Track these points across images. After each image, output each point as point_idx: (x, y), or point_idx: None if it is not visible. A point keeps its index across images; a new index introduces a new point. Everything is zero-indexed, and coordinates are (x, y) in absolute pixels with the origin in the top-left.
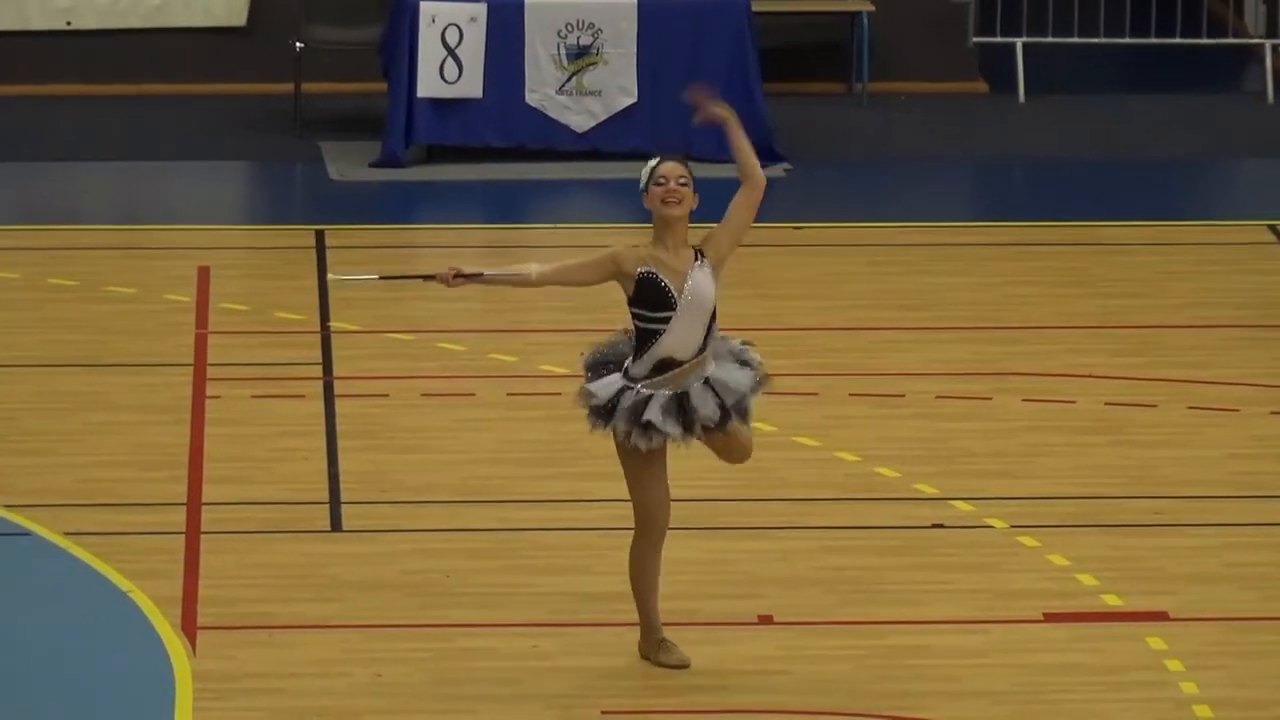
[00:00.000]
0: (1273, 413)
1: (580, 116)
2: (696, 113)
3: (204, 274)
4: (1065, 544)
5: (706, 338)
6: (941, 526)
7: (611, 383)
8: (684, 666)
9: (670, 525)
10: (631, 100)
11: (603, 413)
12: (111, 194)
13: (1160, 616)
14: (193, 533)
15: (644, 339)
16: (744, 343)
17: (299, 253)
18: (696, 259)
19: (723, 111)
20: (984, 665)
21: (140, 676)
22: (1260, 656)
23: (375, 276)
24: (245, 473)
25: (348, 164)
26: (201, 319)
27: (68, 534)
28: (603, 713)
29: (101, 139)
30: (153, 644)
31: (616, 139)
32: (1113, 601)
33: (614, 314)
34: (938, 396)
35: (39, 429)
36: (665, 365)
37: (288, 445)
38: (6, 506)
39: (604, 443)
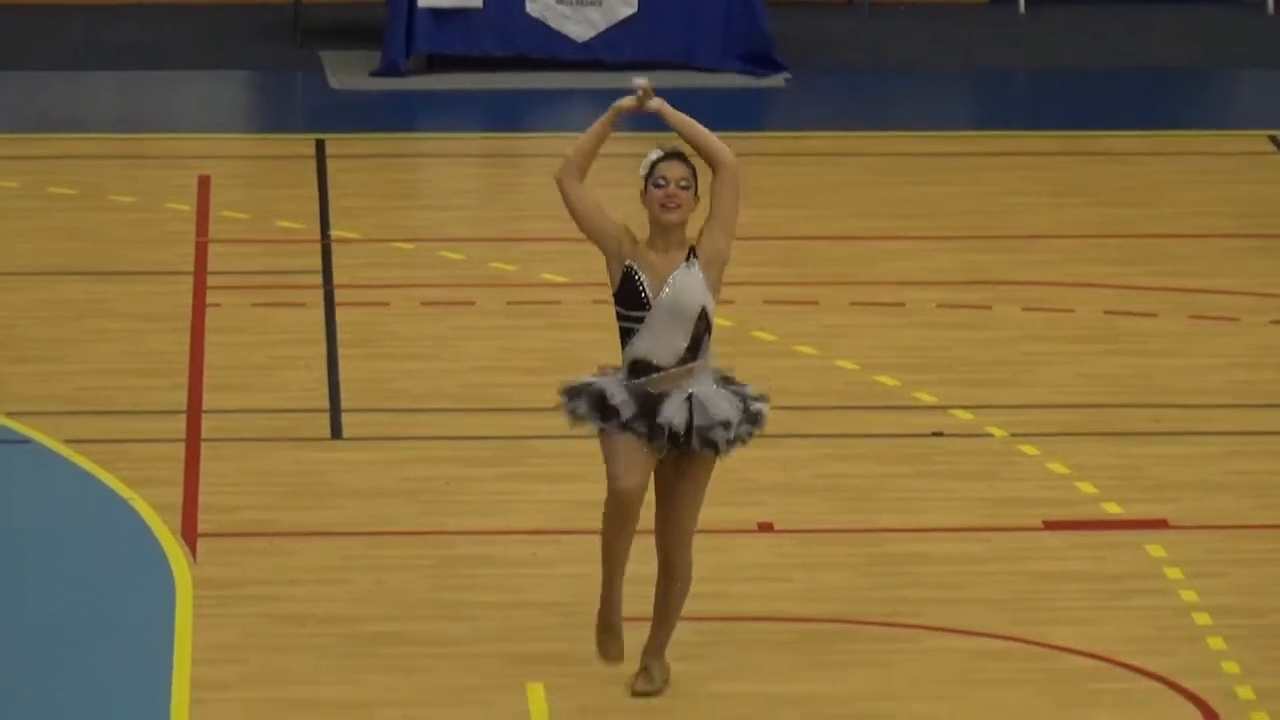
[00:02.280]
0: (1273, 322)
1: (580, 26)
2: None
3: (204, 182)
4: (1065, 452)
5: (697, 348)
6: (941, 435)
7: (587, 376)
8: (615, 661)
9: None
10: (631, 10)
11: (574, 393)
12: (112, 102)
13: (1160, 524)
14: (193, 440)
15: (623, 336)
16: (758, 394)
17: (299, 162)
18: (687, 260)
19: (651, 103)
20: (983, 573)
21: (141, 584)
22: (1260, 564)
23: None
24: (245, 380)
25: (348, 73)
26: (202, 227)
27: (68, 442)
28: None
29: (103, 48)
30: (153, 551)
31: (616, 49)
32: (1112, 509)
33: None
34: (937, 305)
35: (39, 337)
36: (641, 367)
37: (288, 353)
38: (7, 414)
39: (602, 351)
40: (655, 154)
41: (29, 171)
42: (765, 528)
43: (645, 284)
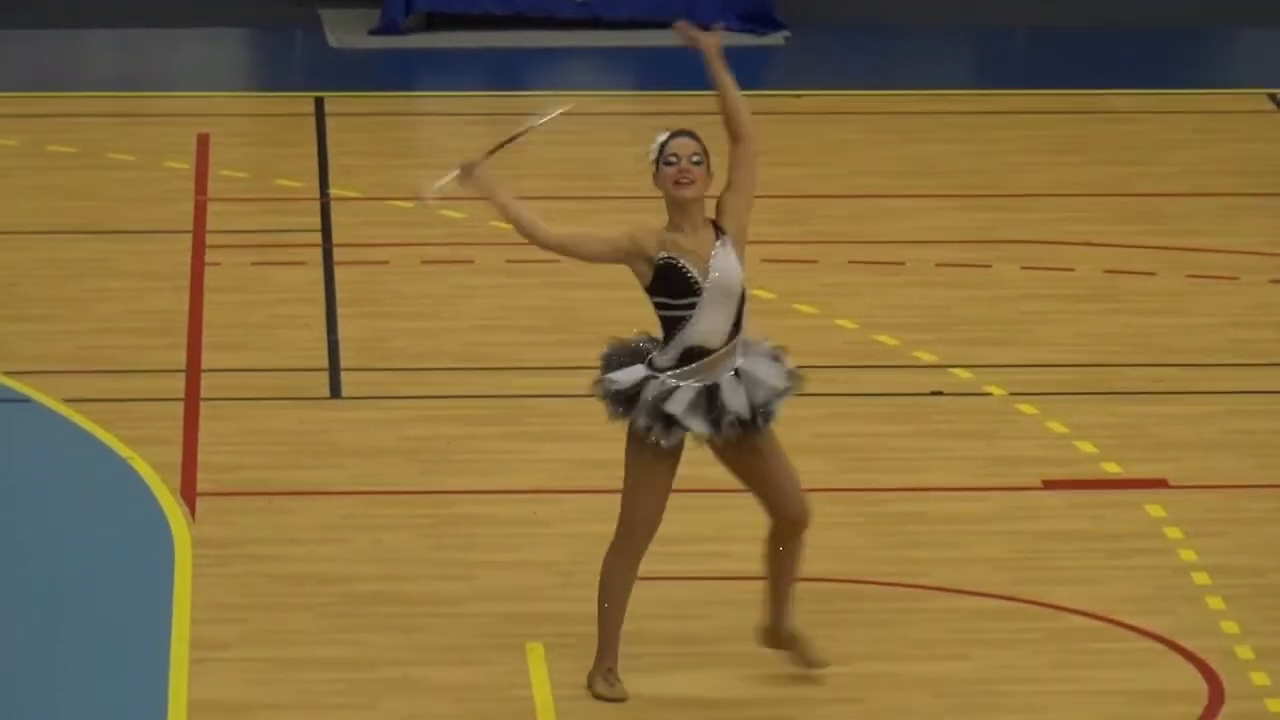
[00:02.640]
0: (1272, 281)
1: None
2: (685, 39)
3: (204, 141)
4: (1064, 411)
5: (739, 324)
6: (940, 394)
7: (634, 371)
8: (621, 700)
9: None
10: None
11: (623, 399)
12: (111, 60)
13: (1159, 484)
14: (192, 400)
15: (669, 327)
16: (776, 347)
17: (299, 120)
18: (718, 238)
19: (711, 39)
20: (983, 532)
21: (140, 543)
22: (1259, 524)
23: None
24: (245, 340)
25: (347, 31)
26: (201, 186)
27: (68, 401)
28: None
29: (102, 5)
30: (152, 510)
31: (616, 7)
32: (1112, 469)
33: (609, 181)
34: (937, 264)
35: (39, 296)
36: (694, 354)
37: (287, 312)
38: (7, 373)
39: (602, 309)
40: (663, 135)
41: (28, 130)
42: None
43: (691, 269)
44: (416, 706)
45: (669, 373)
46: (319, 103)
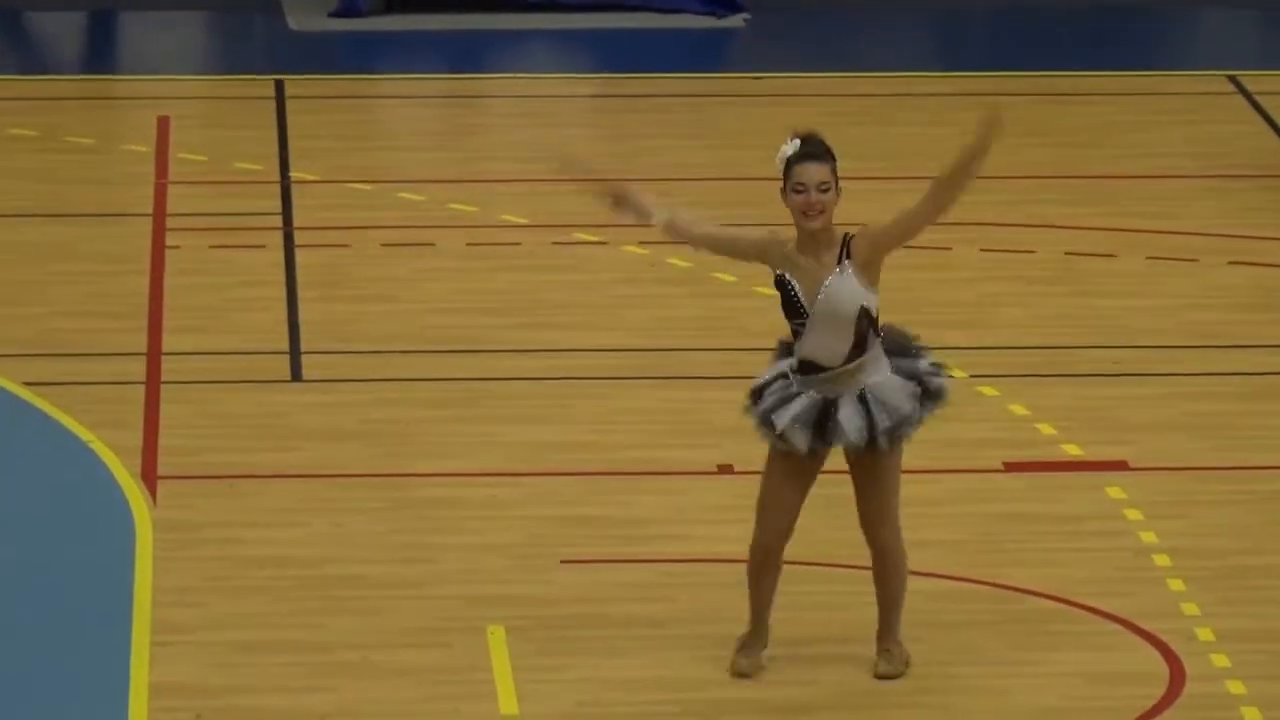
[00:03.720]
0: (1231, 263)
1: None
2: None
3: (164, 124)
4: (1025, 393)
5: (863, 345)
6: None
7: (775, 367)
8: (744, 676)
9: (633, 375)
10: None
11: (756, 394)
12: (71, 44)
13: (1119, 466)
14: (153, 383)
15: (794, 335)
16: (934, 364)
17: (259, 103)
18: (840, 262)
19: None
20: (942, 515)
21: (101, 527)
22: (1219, 505)
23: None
24: (205, 323)
25: (307, 13)
26: (161, 169)
27: (27, 384)
28: (561, 561)
29: None
30: (113, 494)
31: None
32: (1072, 451)
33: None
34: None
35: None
36: (809, 366)
37: (248, 295)
38: None
39: (563, 292)
40: (790, 148)
41: None
42: (725, 469)
43: (799, 292)
44: (377, 690)
45: (796, 376)
46: (279, 85)
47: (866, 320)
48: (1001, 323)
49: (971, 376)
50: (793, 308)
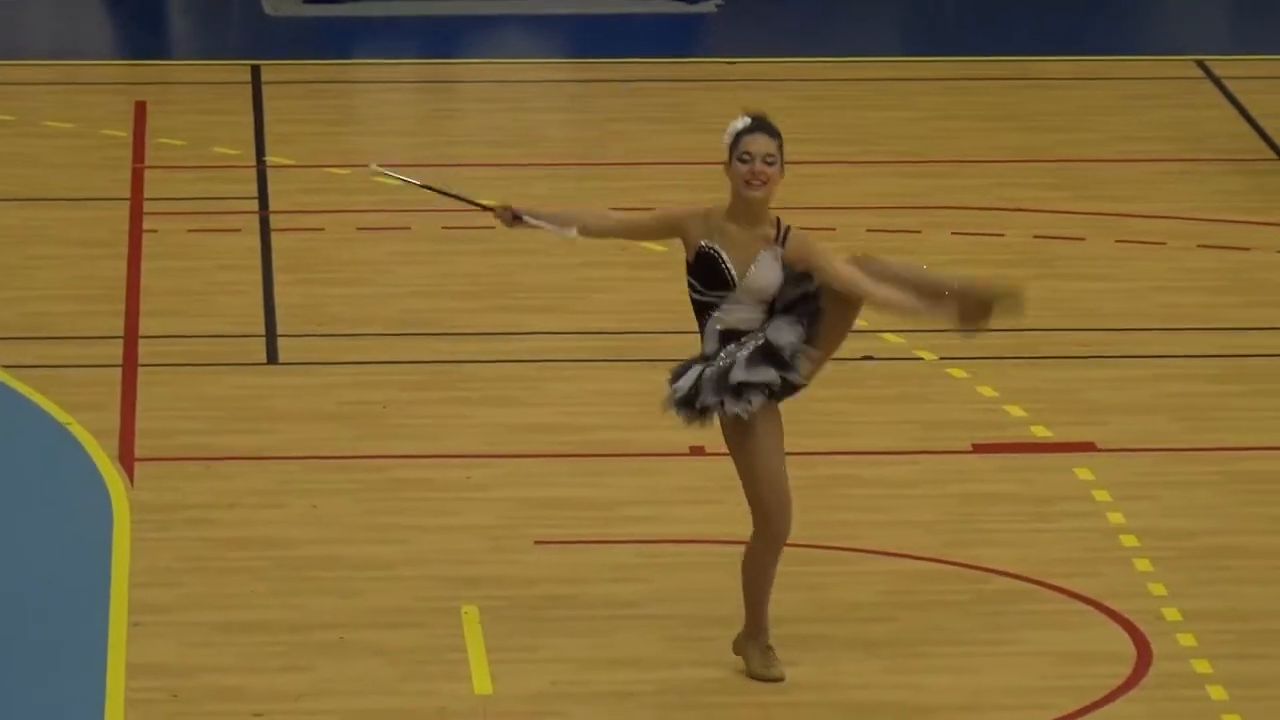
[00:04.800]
0: (1200, 245)
1: None
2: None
3: (141, 109)
4: (994, 375)
5: (771, 312)
6: (871, 358)
7: (693, 371)
8: (778, 680)
9: (605, 358)
10: None
11: (688, 401)
12: (48, 29)
13: (1088, 447)
14: (130, 366)
15: (699, 311)
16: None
17: (235, 88)
18: (775, 243)
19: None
20: (913, 495)
21: (79, 508)
22: (1187, 486)
23: (418, 182)
24: (182, 306)
25: (283, 0)
26: (139, 154)
27: (6, 367)
28: (535, 542)
29: None
30: (91, 475)
31: None
32: (1041, 432)
33: (540, 148)
34: (868, 230)
35: None
36: (730, 336)
37: (224, 279)
38: None
39: (537, 276)
40: (740, 123)
41: None
42: (697, 451)
43: (729, 262)
44: (354, 669)
45: (721, 355)
46: (255, 70)
47: (775, 298)
48: None
49: (940, 359)
50: (719, 278)
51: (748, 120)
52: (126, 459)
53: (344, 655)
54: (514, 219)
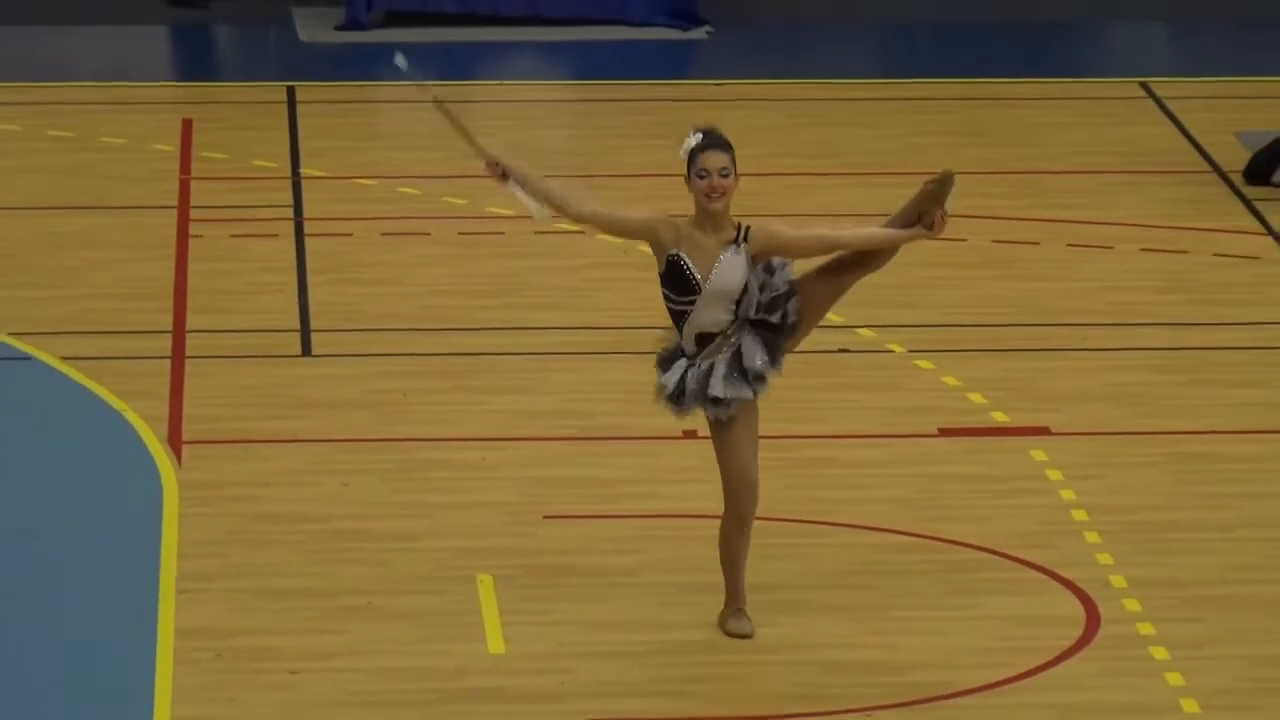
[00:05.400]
0: (1143, 249)
1: None
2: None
3: (187, 125)
4: (958, 366)
5: (738, 308)
6: (847, 351)
7: (678, 367)
8: (746, 637)
9: (608, 350)
10: None
11: (676, 398)
12: (105, 54)
13: (1042, 431)
14: (178, 357)
15: (674, 318)
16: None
17: (273, 107)
18: (735, 243)
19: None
20: (885, 475)
21: (132, 486)
22: (1132, 467)
23: (432, 98)
24: (225, 304)
25: (316, 27)
26: (185, 166)
27: (65, 359)
28: (544, 516)
29: (93, 5)
30: (142, 457)
31: (556, 4)
32: (1000, 418)
33: (547, 160)
34: None
35: (40, 265)
36: (705, 339)
37: (263, 279)
38: (10, 334)
39: (545, 277)
40: (694, 139)
41: (30, 116)
42: (690, 434)
43: (693, 268)
44: (380, 631)
45: (701, 358)
46: (291, 91)
47: (744, 295)
48: (937, 303)
49: (909, 351)
50: (685, 285)
51: (700, 136)
52: (175, 442)
53: (371, 619)
54: (502, 177)
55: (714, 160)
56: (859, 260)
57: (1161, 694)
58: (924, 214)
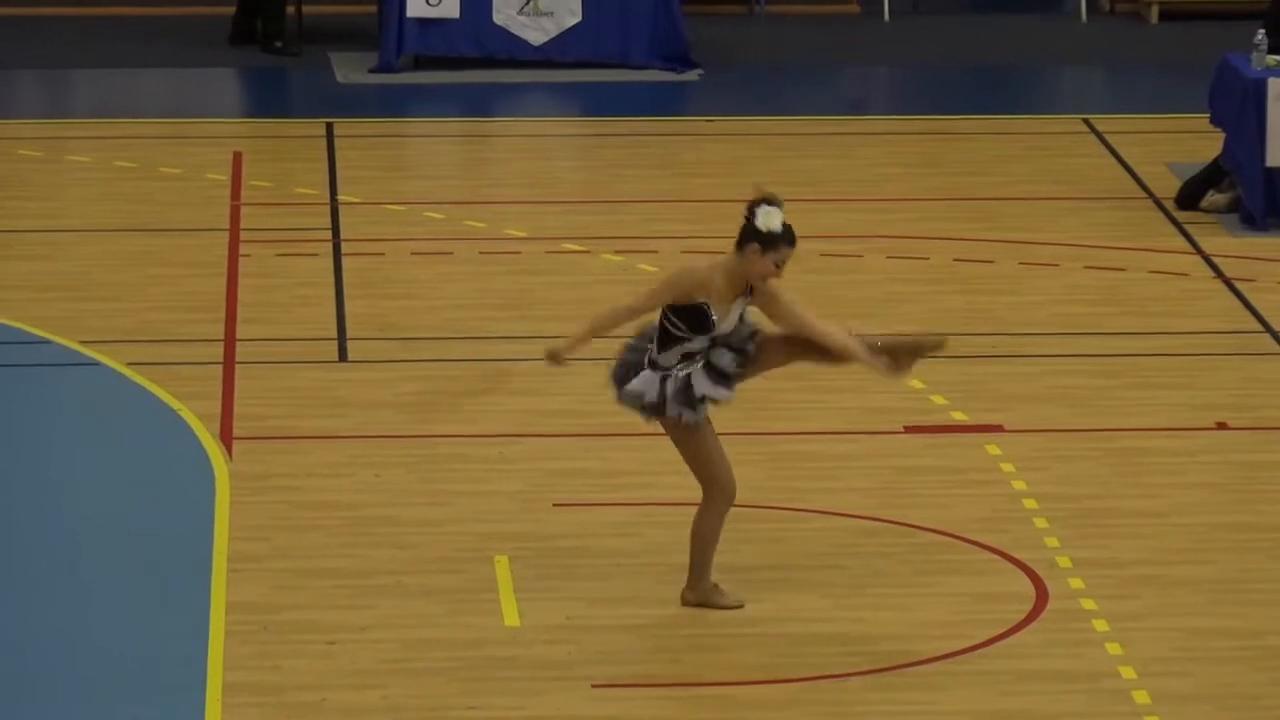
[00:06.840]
0: (1086, 267)
1: (536, 32)
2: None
3: (238, 158)
4: (921, 371)
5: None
6: None
7: (649, 380)
8: (739, 607)
9: (612, 357)
10: (577, 19)
11: (653, 407)
12: (164, 95)
13: (997, 429)
14: (229, 363)
15: (669, 339)
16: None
17: (313, 140)
18: (746, 295)
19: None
20: (856, 467)
21: (188, 477)
22: (1075, 460)
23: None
24: (271, 315)
25: (351, 70)
26: (235, 193)
27: (129, 364)
28: (554, 505)
29: (154, 53)
30: (198, 451)
31: (565, 50)
32: (959, 417)
33: (557, 189)
34: (820, 255)
35: (106, 280)
36: (688, 356)
37: (304, 293)
38: (81, 342)
39: (556, 292)
40: (779, 224)
41: (98, 149)
42: None
43: (715, 316)
44: (407, 607)
45: (676, 368)
46: (329, 127)
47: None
48: (903, 315)
49: None
50: (702, 326)
51: (788, 229)
52: (226, 438)
53: (400, 595)
54: (558, 359)
55: (788, 256)
56: (820, 352)
57: (1102, 662)
58: (898, 356)
